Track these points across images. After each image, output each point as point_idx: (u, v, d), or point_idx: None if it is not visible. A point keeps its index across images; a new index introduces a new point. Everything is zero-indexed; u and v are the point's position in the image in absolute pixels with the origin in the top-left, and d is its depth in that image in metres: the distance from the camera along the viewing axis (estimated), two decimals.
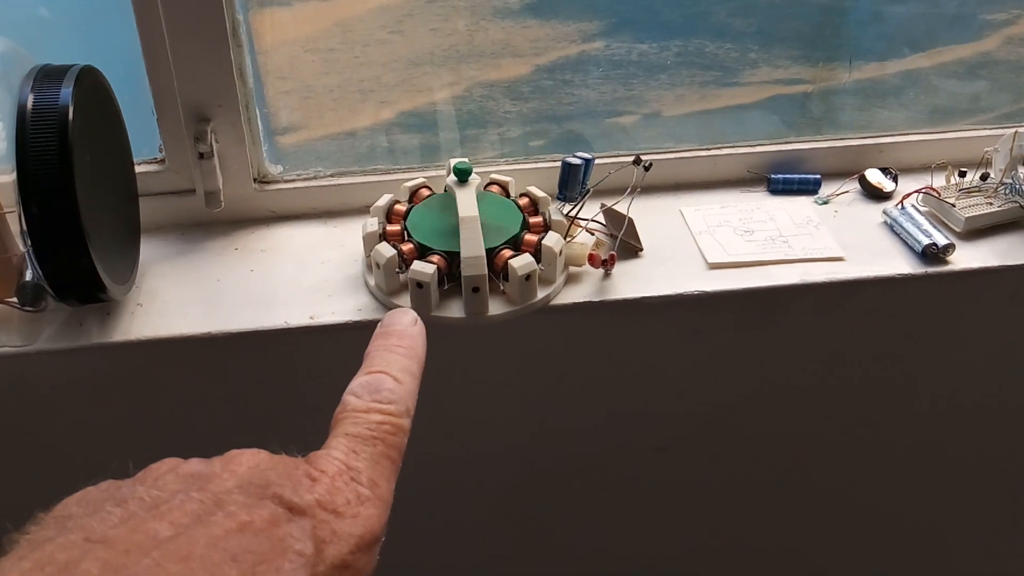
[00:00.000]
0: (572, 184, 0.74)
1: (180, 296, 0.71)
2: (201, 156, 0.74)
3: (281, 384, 0.72)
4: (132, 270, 0.70)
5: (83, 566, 0.21)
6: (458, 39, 0.82)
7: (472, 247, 0.66)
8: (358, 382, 0.29)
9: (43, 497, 0.83)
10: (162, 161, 0.77)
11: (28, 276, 0.64)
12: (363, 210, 0.80)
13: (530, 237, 0.71)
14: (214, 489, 0.24)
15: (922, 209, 0.81)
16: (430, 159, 0.83)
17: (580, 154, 0.75)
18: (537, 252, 0.70)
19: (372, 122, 0.84)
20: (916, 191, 0.82)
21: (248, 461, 0.26)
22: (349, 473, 0.25)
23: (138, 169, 0.75)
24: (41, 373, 0.67)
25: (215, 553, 0.21)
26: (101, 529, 0.22)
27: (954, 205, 0.79)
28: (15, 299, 0.65)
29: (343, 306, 0.70)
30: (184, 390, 0.71)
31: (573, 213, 0.74)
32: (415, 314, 0.32)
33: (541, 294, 0.70)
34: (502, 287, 0.69)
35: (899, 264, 0.75)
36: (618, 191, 0.77)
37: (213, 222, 0.79)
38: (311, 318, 0.69)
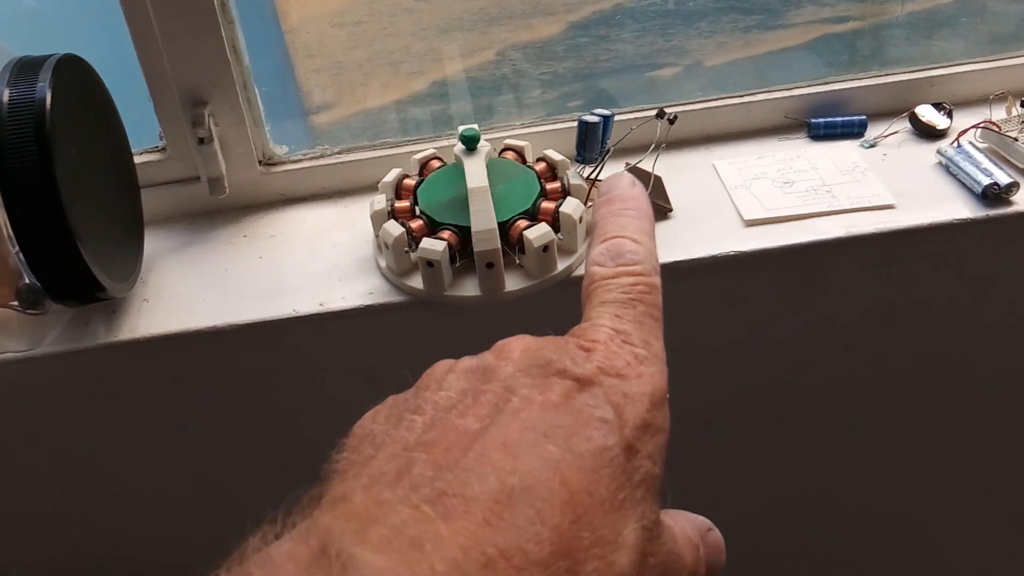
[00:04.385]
0: (591, 144, 0.69)
1: (187, 289, 0.68)
2: (201, 141, 0.71)
3: (294, 374, 0.69)
4: (135, 265, 0.68)
5: (415, 470, 0.21)
6: (486, 1, 0.78)
7: (483, 220, 0.62)
8: (598, 251, 0.28)
9: (58, 503, 0.81)
10: (163, 149, 0.74)
11: (26, 279, 0.62)
12: (375, 187, 0.76)
13: (547, 205, 0.66)
14: (499, 378, 0.24)
15: (981, 146, 0.73)
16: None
17: (598, 111, 0.69)
18: (555, 220, 0.65)
19: (404, 94, 0.82)
20: (973, 126, 0.75)
21: (517, 346, 0.26)
22: (620, 337, 0.25)
23: (138, 159, 0.73)
24: (48, 377, 0.65)
25: (528, 435, 0.21)
26: (413, 437, 0.23)
27: (1016, 139, 0.72)
28: (16, 303, 0.63)
29: (354, 290, 0.66)
30: (195, 385, 0.69)
31: (593, 176, 0.69)
32: (632, 176, 0.31)
33: (562, 265, 0.65)
34: (519, 260, 0.65)
35: (957, 208, 0.69)
36: (645, 148, 0.71)
37: (220, 209, 0.76)
38: (321, 305, 0.65)
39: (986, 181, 0.69)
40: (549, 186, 0.68)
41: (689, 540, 0.25)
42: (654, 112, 0.70)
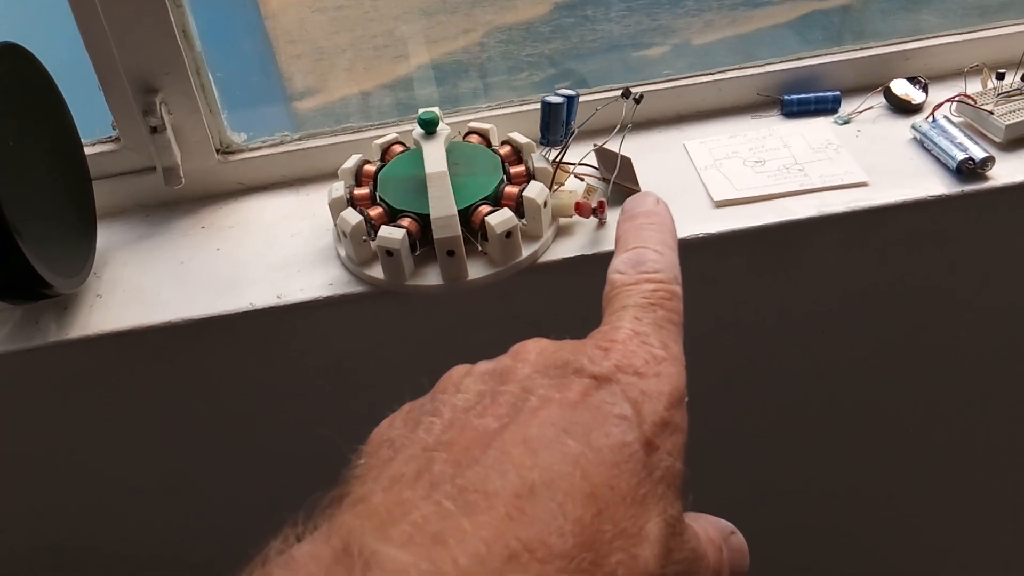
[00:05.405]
0: (555, 126, 0.67)
1: (142, 283, 0.66)
2: (154, 130, 0.68)
3: (254, 369, 0.67)
4: (86, 260, 0.66)
5: (435, 469, 0.21)
6: None
7: (442, 206, 0.60)
8: (619, 260, 0.28)
9: (13, 500, 0.77)
10: (116, 139, 0.72)
11: None
12: (337, 174, 0.74)
13: (511, 189, 0.64)
14: (516, 379, 0.24)
15: (956, 120, 0.72)
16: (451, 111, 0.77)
17: (562, 91, 0.67)
18: (519, 205, 0.63)
19: (389, 79, 0.81)
20: (948, 100, 0.73)
21: (534, 348, 0.26)
22: (638, 338, 0.25)
23: (90, 150, 0.70)
24: None
25: (547, 431, 0.22)
26: (432, 438, 0.23)
27: (992, 112, 0.70)
28: None
29: (313, 281, 0.64)
30: (151, 383, 0.67)
31: (558, 158, 0.67)
32: (656, 195, 0.31)
33: (526, 252, 0.63)
34: (481, 247, 0.63)
35: (932, 184, 0.67)
36: (613, 129, 0.69)
37: (177, 200, 0.74)
38: (278, 297, 0.63)
39: (961, 156, 0.67)
40: (513, 170, 0.66)
41: (711, 541, 0.25)
42: (620, 92, 0.68)
